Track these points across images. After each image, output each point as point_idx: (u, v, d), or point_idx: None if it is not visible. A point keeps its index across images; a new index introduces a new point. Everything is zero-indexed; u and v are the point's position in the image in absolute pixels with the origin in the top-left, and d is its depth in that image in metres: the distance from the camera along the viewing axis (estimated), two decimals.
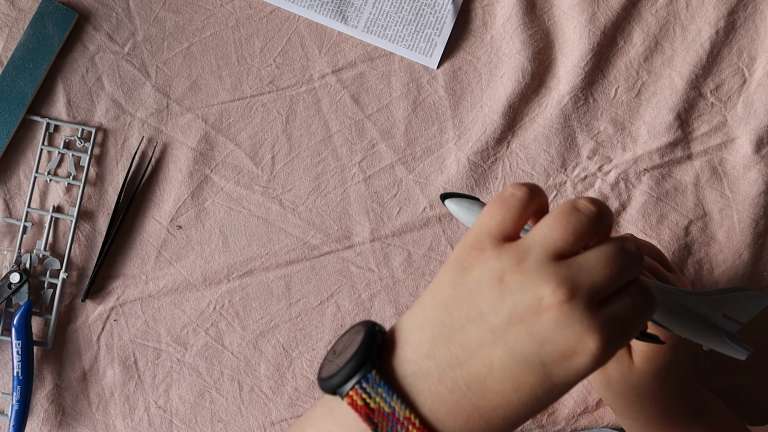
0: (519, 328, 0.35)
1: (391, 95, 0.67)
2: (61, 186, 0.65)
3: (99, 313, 0.65)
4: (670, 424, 0.58)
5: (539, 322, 0.35)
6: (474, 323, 0.36)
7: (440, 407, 0.36)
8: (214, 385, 0.65)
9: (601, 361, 0.36)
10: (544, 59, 0.67)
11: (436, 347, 0.36)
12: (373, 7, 0.66)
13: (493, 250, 0.37)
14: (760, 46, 0.68)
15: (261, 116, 0.66)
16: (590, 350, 0.35)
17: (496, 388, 0.36)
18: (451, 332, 0.37)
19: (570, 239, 0.37)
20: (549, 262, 0.36)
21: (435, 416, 0.36)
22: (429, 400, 0.36)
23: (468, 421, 0.36)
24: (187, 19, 0.66)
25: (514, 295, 0.36)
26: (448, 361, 0.36)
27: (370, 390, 0.36)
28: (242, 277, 0.65)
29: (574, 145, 0.67)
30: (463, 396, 0.36)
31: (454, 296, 0.37)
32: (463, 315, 0.37)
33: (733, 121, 0.68)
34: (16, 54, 0.64)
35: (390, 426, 0.35)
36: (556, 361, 0.35)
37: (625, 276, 0.37)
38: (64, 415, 0.64)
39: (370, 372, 0.36)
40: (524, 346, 0.35)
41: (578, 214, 0.37)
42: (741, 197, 0.67)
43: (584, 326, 0.35)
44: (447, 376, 0.36)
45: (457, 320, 0.37)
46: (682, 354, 0.56)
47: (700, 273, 0.67)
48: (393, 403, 0.35)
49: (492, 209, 0.39)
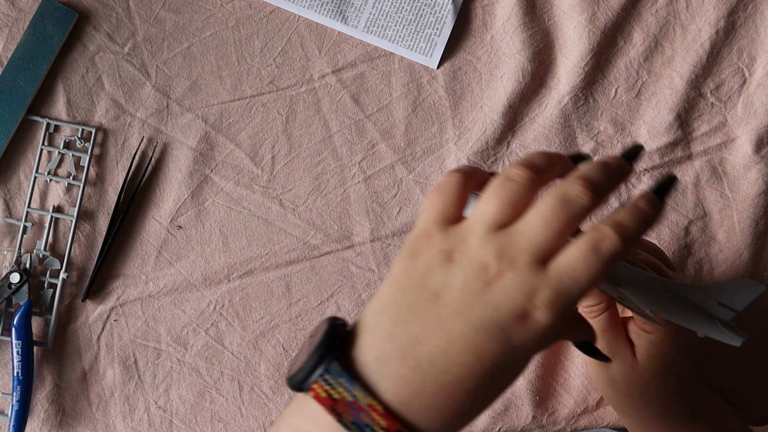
0: (473, 298, 0.37)
1: (391, 95, 0.67)
2: (61, 186, 0.65)
3: (99, 313, 0.65)
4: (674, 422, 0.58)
5: (490, 291, 0.37)
6: (429, 302, 0.37)
7: (404, 388, 0.36)
8: (214, 385, 0.65)
9: (555, 318, 0.36)
10: (544, 59, 0.67)
11: (396, 330, 0.37)
12: (373, 7, 0.66)
13: (439, 234, 0.39)
14: (760, 46, 0.68)
15: (261, 116, 0.66)
16: (543, 306, 0.36)
17: (459, 360, 0.36)
18: (408, 313, 0.37)
19: (506, 209, 0.38)
20: (490, 234, 0.38)
21: (399, 398, 0.36)
22: (393, 383, 0.36)
23: (434, 400, 0.36)
24: (187, 19, 0.66)
25: (463, 270, 0.37)
26: (409, 341, 0.37)
27: (332, 381, 0.36)
28: (242, 277, 0.65)
29: (574, 145, 0.67)
30: (427, 373, 0.36)
31: (408, 280, 0.38)
32: (419, 296, 0.38)
33: (733, 121, 0.68)
34: (16, 54, 0.64)
35: (354, 414, 0.36)
36: (512, 324, 0.36)
37: (570, 226, 0.38)
38: (64, 415, 0.64)
39: (332, 363, 0.36)
40: (480, 314, 0.36)
41: (510, 184, 0.39)
42: (741, 197, 0.67)
43: (531, 286, 0.36)
44: (408, 356, 0.36)
45: (413, 301, 0.38)
46: (685, 351, 0.56)
47: (700, 273, 0.67)
48: (355, 391, 0.36)
49: (432, 199, 0.41)
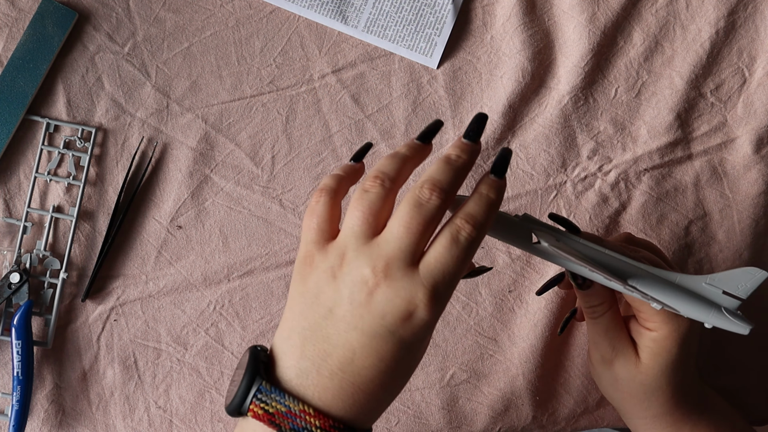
0: (361, 310, 0.41)
1: (391, 95, 0.67)
2: (61, 186, 0.65)
3: (99, 313, 0.65)
4: (678, 421, 0.58)
5: (373, 300, 0.41)
6: (327, 319, 0.42)
7: (326, 394, 0.42)
8: (214, 385, 0.65)
9: (436, 309, 0.42)
10: (544, 59, 0.67)
11: (306, 349, 0.42)
12: (373, 7, 0.66)
13: (319, 254, 0.44)
14: (760, 46, 0.68)
15: (261, 116, 0.66)
16: (422, 303, 0.41)
17: (365, 364, 0.42)
18: (312, 333, 0.42)
19: (369, 219, 0.43)
20: (362, 247, 0.42)
21: (325, 403, 0.42)
22: (316, 392, 0.42)
23: (353, 398, 0.42)
24: (187, 19, 0.66)
25: (347, 285, 0.42)
26: (320, 356, 0.42)
27: (265, 398, 0.41)
28: (242, 277, 0.65)
29: (574, 145, 0.67)
30: (342, 379, 0.42)
31: (304, 302, 0.43)
32: (316, 314, 0.43)
33: (733, 121, 0.68)
34: (16, 54, 0.64)
35: (290, 422, 0.41)
36: (400, 325, 0.41)
37: (430, 225, 0.42)
38: (64, 415, 0.64)
39: (261, 384, 0.42)
40: (371, 324, 0.41)
41: (367, 195, 0.43)
42: (741, 197, 0.67)
43: (408, 290, 0.41)
44: (323, 368, 0.42)
45: (313, 322, 0.43)
46: (688, 348, 0.56)
47: (700, 273, 0.67)
48: (287, 402, 0.41)
49: (307, 222, 0.45)
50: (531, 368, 0.66)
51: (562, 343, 0.67)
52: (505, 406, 0.66)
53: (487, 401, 0.66)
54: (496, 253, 0.66)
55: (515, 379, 0.66)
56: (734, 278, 0.48)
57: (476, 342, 0.66)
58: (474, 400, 0.66)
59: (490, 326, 0.66)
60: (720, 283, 0.49)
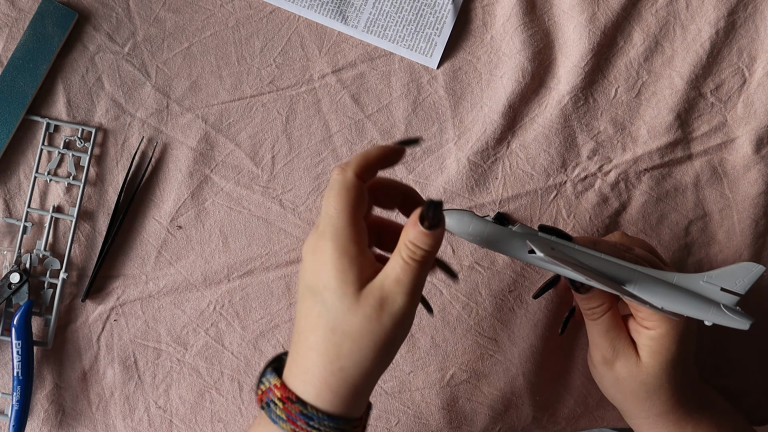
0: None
1: (391, 95, 0.67)
2: (61, 186, 0.65)
3: (99, 313, 0.65)
4: (680, 419, 0.58)
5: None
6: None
7: (310, 377, 0.45)
8: (214, 385, 0.65)
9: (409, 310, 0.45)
10: (544, 59, 0.67)
11: (319, 358, 0.45)
12: (373, 7, 0.66)
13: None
14: (760, 46, 0.68)
15: (261, 116, 0.66)
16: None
17: (369, 364, 0.45)
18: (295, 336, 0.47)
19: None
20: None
21: (320, 398, 0.45)
22: (316, 388, 0.45)
23: (345, 391, 0.45)
24: (187, 19, 0.66)
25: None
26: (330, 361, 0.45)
27: (264, 381, 0.47)
28: (242, 277, 0.65)
29: (574, 145, 0.67)
30: (343, 378, 0.45)
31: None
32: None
33: (733, 121, 0.68)
34: (16, 54, 0.64)
35: (267, 397, 0.46)
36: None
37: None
38: (64, 415, 0.64)
39: (268, 371, 0.47)
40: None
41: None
42: (741, 197, 0.67)
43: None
44: (330, 372, 0.45)
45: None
46: (686, 345, 0.56)
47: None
48: (270, 378, 0.46)
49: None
50: (531, 368, 0.66)
51: (562, 343, 0.67)
52: (505, 406, 0.66)
53: (487, 401, 0.66)
54: (496, 252, 0.66)
55: (515, 379, 0.66)
56: (732, 274, 0.49)
57: (476, 342, 0.66)
58: (474, 400, 0.66)
59: (490, 326, 0.66)
60: (718, 280, 0.49)
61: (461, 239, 0.66)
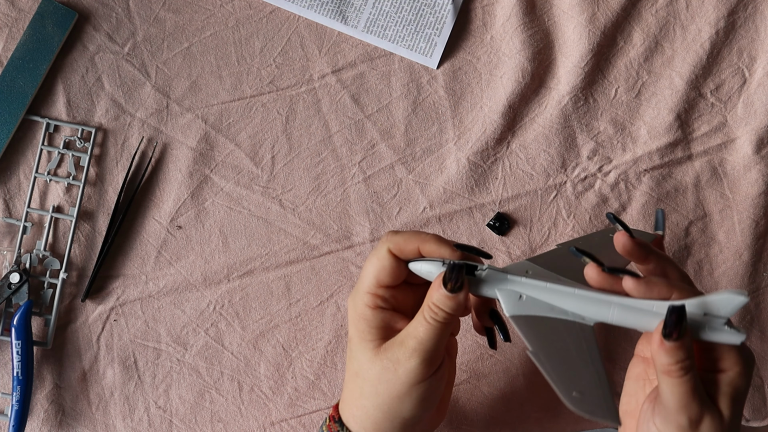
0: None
1: (391, 95, 0.67)
2: (61, 186, 0.65)
3: (99, 313, 0.65)
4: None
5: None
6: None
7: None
8: (214, 385, 0.65)
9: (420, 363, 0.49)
10: (544, 59, 0.67)
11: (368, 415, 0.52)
12: (373, 7, 0.66)
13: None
14: (760, 46, 0.68)
15: (261, 116, 0.66)
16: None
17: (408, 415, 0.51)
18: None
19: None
20: None
21: (342, 409, 0.53)
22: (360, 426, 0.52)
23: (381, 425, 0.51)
24: (187, 19, 0.66)
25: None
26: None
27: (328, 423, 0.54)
28: (242, 277, 0.65)
29: (574, 146, 0.67)
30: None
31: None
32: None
33: (733, 122, 0.68)
34: (16, 54, 0.64)
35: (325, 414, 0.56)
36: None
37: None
38: (64, 415, 0.64)
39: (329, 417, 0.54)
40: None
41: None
42: (741, 198, 0.67)
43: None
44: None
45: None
46: (749, 377, 0.49)
47: (700, 273, 0.67)
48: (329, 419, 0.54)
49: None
50: (531, 368, 0.66)
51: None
52: (505, 406, 0.66)
53: (487, 401, 0.66)
54: (496, 253, 0.66)
55: (515, 379, 0.66)
56: (713, 303, 0.46)
57: (476, 342, 0.66)
58: (474, 400, 0.66)
59: None
60: (701, 308, 0.47)
61: (461, 239, 0.66)
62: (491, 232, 0.66)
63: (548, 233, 0.67)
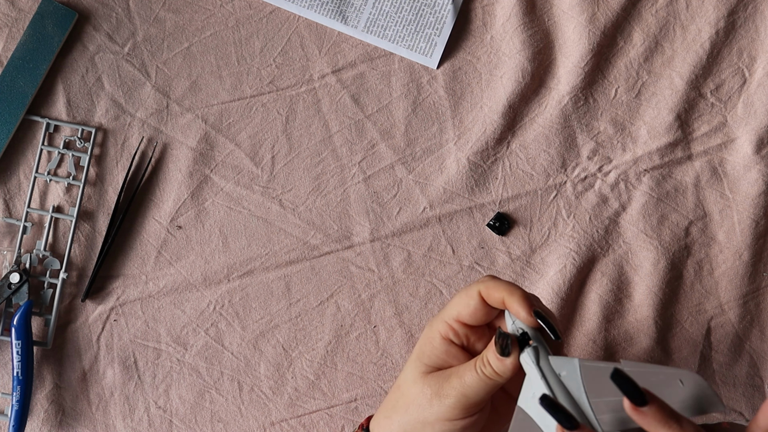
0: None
1: (391, 95, 0.67)
2: (61, 186, 0.65)
3: (99, 313, 0.65)
4: None
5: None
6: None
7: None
8: (214, 385, 0.65)
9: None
10: (544, 59, 0.67)
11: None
12: (373, 7, 0.66)
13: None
14: (760, 46, 0.68)
15: (261, 116, 0.66)
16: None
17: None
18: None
19: None
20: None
21: (375, 417, 0.54)
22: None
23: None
24: (187, 19, 0.66)
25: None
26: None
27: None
28: (242, 277, 0.65)
29: (574, 146, 0.67)
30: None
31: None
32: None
33: (733, 122, 0.68)
34: (16, 54, 0.64)
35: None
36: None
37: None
38: (64, 415, 0.64)
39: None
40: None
41: None
42: (741, 198, 0.67)
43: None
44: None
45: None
46: None
47: (700, 274, 0.67)
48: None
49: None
50: None
51: (562, 343, 0.67)
52: None
53: None
54: (496, 253, 0.66)
55: None
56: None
57: None
58: None
59: None
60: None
61: (461, 239, 0.66)
62: (491, 232, 0.66)
63: (548, 233, 0.67)
